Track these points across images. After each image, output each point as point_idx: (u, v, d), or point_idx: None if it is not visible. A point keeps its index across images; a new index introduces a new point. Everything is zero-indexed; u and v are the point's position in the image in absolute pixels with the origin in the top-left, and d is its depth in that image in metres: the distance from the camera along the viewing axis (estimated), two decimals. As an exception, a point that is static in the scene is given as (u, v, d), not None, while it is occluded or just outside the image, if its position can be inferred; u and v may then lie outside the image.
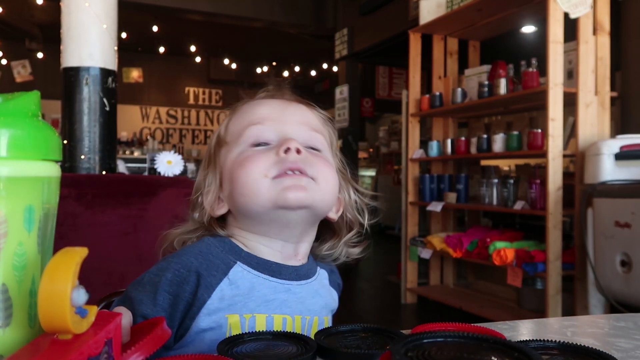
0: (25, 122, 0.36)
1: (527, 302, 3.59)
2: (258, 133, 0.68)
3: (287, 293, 0.67)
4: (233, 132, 0.71)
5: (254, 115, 0.70)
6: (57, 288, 0.30)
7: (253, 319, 0.63)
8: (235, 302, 0.63)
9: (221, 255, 0.66)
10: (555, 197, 3.04)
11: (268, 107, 0.71)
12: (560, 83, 3.06)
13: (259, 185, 0.63)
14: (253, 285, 0.65)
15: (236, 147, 0.69)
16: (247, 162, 0.65)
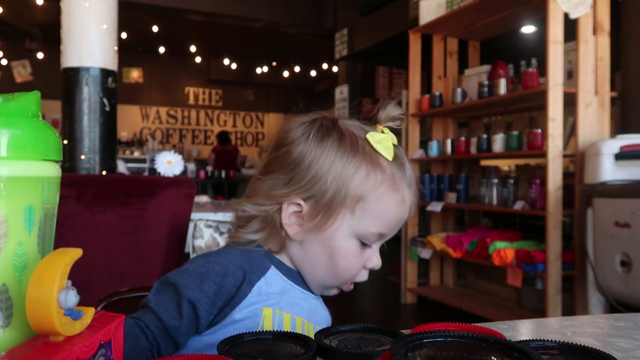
0: (25, 122, 0.36)
1: (527, 302, 3.59)
2: (373, 239, 0.73)
3: (306, 302, 0.75)
4: (369, 213, 0.71)
5: (388, 224, 0.72)
6: (43, 290, 0.30)
7: (282, 316, 0.70)
8: (270, 298, 0.70)
9: (259, 257, 0.74)
10: (555, 197, 3.04)
11: (401, 219, 0.74)
12: (560, 83, 3.06)
13: (339, 283, 0.75)
14: (284, 288, 0.73)
15: (355, 229, 0.71)
16: (352, 265, 0.73)
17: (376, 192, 0.71)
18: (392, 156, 0.72)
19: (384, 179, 0.71)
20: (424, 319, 3.98)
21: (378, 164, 0.71)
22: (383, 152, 0.71)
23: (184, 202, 1.51)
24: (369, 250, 0.74)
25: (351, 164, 0.70)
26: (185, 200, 1.51)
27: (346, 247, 0.72)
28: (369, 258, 0.74)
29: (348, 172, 0.70)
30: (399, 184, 0.72)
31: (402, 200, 0.72)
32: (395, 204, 0.72)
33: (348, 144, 0.71)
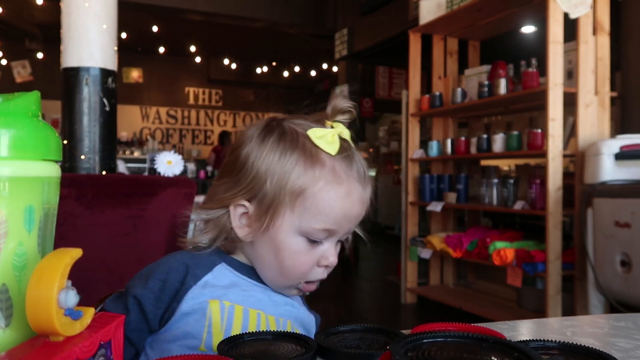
0: (25, 122, 0.36)
1: (527, 302, 3.59)
2: (320, 236, 0.71)
3: (263, 294, 0.74)
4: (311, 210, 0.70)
5: (335, 220, 0.70)
6: (43, 290, 0.30)
7: (232, 308, 0.69)
8: (217, 291, 0.70)
9: (208, 255, 0.75)
10: (555, 197, 3.04)
11: (349, 214, 0.71)
12: (560, 83, 3.06)
13: (292, 283, 0.74)
14: (233, 281, 0.73)
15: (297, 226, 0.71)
16: (299, 263, 0.72)
17: (315, 187, 0.70)
18: (336, 150, 0.71)
19: (323, 173, 0.70)
20: (424, 319, 3.98)
21: (318, 158, 0.70)
22: (324, 147, 0.71)
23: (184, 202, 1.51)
24: (321, 247, 0.72)
25: (289, 161, 0.70)
26: (185, 200, 1.51)
27: (290, 245, 0.71)
28: (323, 255, 0.72)
29: (286, 168, 0.70)
30: (342, 178, 0.71)
31: (347, 194, 0.70)
32: (338, 198, 0.70)
33: (288, 141, 0.71)
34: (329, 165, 0.71)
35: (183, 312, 0.68)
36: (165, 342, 0.68)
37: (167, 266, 0.71)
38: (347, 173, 0.71)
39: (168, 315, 0.68)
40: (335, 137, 0.72)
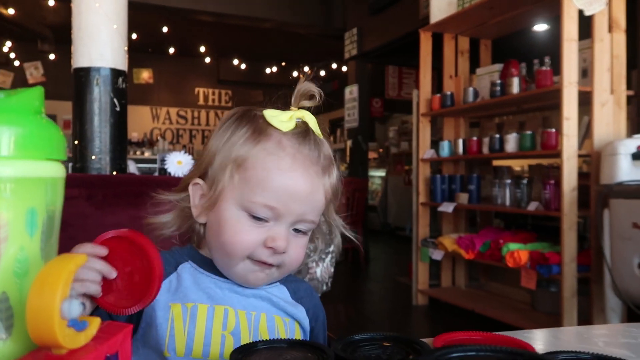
0: (28, 120, 0.33)
1: (541, 305, 3.54)
2: (261, 212, 0.69)
3: (229, 290, 0.73)
4: (250, 182, 0.69)
5: (275, 194, 0.68)
6: (44, 300, 0.28)
7: (195, 308, 0.69)
8: (179, 293, 0.70)
9: (177, 255, 0.75)
10: (570, 198, 2.99)
11: (292, 190, 0.69)
12: (575, 82, 3.00)
13: (236, 261, 0.71)
14: (197, 280, 0.72)
15: (239, 200, 0.69)
16: (240, 240, 0.69)
17: (256, 157, 0.69)
18: (289, 128, 0.70)
19: (267, 144, 0.69)
20: (435, 321, 3.94)
21: (265, 132, 0.70)
22: (276, 123, 0.70)
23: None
24: (269, 227, 0.69)
25: (237, 134, 0.71)
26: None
27: (232, 218, 0.69)
28: (271, 236, 0.69)
29: (232, 140, 0.71)
30: (287, 151, 0.69)
31: (290, 169, 0.68)
32: (278, 170, 0.68)
33: (243, 120, 0.73)
34: (276, 138, 0.70)
35: (148, 315, 0.68)
36: (139, 343, 0.69)
37: None
38: (295, 149, 0.70)
39: (136, 318, 0.69)
40: (292, 119, 0.71)
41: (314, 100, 0.74)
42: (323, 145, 0.73)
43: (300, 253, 0.73)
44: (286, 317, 0.75)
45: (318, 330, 0.83)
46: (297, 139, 0.70)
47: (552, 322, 3.22)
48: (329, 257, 1.98)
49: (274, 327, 0.73)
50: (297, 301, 0.79)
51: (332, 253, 1.98)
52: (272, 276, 0.73)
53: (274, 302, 0.75)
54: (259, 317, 0.72)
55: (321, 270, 1.94)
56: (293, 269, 0.74)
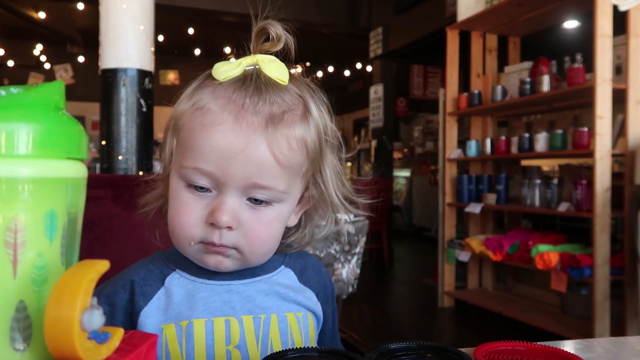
0: (47, 116, 0.31)
1: (571, 309, 3.44)
2: (197, 180, 0.58)
3: (229, 293, 0.63)
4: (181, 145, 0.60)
5: (200, 155, 0.57)
6: (63, 310, 0.26)
7: (190, 326, 0.60)
8: (171, 311, 0.61)
9: (162, 265, 0.65)
10: (603, 199, 2.90)
11: (218, 147, 0.56)
12: (609, 79, 2.91)
13: (184, 244, 0.61)
14: (189, 291, 0.63)
15: (177, 169, 0.60)
16: (179, 215, 0.60)
17: (186, 116, 0.59)
18: (226, 76, 0.58)
19: (199, 98, 0.59)
20: (462, 324, 3.87)
21: (203, 86, 0.60)
22: (216, 75, 0.59)
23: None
24: (211, 198, 0.58)
25: (182, 93, 0.62)
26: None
27: (173, 192, 0.60)
28: (212, 211, 0.58)
29: (177, 101, 0.63)
30: (218, 103, 0.57)
31: (214, 122, 0.56)
32: (204, 127, 0.57)
33: (199, 78, 0.63)
34: (209, 89, 0.59)
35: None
36: None
37: (112, 286, 0.63)
38: (227, 98, 0.57)
39: None
40: (241, 66, 0.59)
41: (274, 42, 0.62)
42: (273, 91, 0.59)
43: (263, 229, 0.60)
44: (299, 310, 0.66)
45: (327, 317, 0.72)
46: (233, 87, 0.58)
47: (583, 326, 3.13)
48: (354, 259, 1.95)
49: (287, 328, 0.64)
50: (305, 284, 0.69)
51: (358, 254, 1.96)
52: (236, 260, 0.61)
53: (283, 294, 0.66)
54: (268, 320, 0.63)
55: (347, 271, 1.92)
56: (262, 250, 0.61)
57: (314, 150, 0.62)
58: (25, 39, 9.22)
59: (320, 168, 0.64)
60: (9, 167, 0.30)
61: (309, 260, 0.73)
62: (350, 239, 1.91)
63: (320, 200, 0.67)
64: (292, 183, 0.61)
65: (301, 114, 0.61)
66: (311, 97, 0.64)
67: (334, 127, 0.66)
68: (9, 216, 0.30)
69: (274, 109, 0.58)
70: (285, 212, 0.63)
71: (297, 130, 0.59)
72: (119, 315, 0.62)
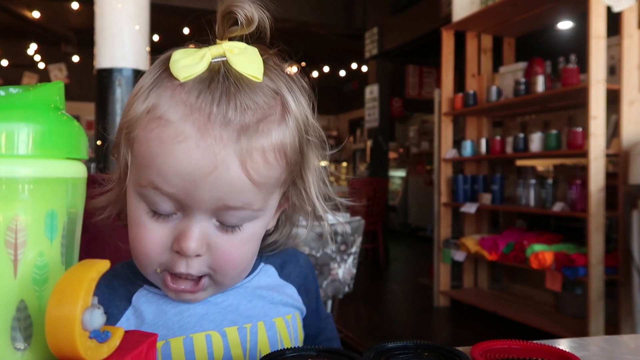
0: (47, 116, 0.32)
1: (566, 308, 3.46)
2: (157, 200, 0.50)
3: (206, 305, 0.56)
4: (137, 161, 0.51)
5: (159, 175, 0.48)
6: (64, 310, 0.26)
7: (167, 346, 0.53)
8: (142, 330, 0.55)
9: (127, 281, 0.58)
10: (597, 199, 2.92)
11: (180, 169, 0.47)
12: (603, 79, 2.93)
13: (149, 272, 0.54)
14: (161, 307, 0.55)
15: (135, 184, 0.52)
16: (140, 240, 0.52)
17: (140, 126, 0.49)
18: (188, 75, 0.48)
19: (156, 103, 0.49)
20: (457, 323, 3.88)
21: (160, 85, 0.50)
22: (175, 71, 0.49)
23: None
24: (176, 223, 0.50)
25: (135, 88, 0.52)
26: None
27: (132, 211, 0.52)
28: (177, 237, 0.50)
29: (130, 100, 0.52)
30: (177, 113, 0.47)
31: (175, 139, 0.47)
32: (163, 145, 0.47)
33: (154, 68, 0.53)
34: (168, 92, 0.49)
35: None
36: None
37: None
38: (190, 105, 0.47)
39: None
40: (204, 59, 0.49)
41: (246, 26, 0.50)
42: (245, 94, 0.49)
43: (236, 252, 0.52)
44: (287, 312, 0.61)
45: (311, 304, 0.66)
46: (197, 89, 0.48)
47: (578, 326, 3.15)
48: (351, 258, 1.95)
49: (276, 335, 0.59)
50: (286, 279, 0.64)
51: (354, 254, 1.96)
52: (210, 289, 0.54)
53: (267, 297, 0.60)
54: (255, 329, 0.57)
55: (343, 271, 1.92)
56: (235, 272, 0.54)
57: (293, 157, 0.53)
58: (20, 38, 9.18)
59: (301, 173, 0.56)
60: (9, 167, 0.30)
61: (288, 254, 0.67)
62: (347, 239, 1.91)
63: (299, 203, 0.60)
64: (268, 198, 0.53)
65: (279, 116, 0.51)
66: (288, 89, 0.54)
67: (315, 122, 0.57)
68: (9, 216, 0.30)
69: (247, 117, 0.48)
70: (260, 228, 0.55)
71: (274, 138, 0.50)
72: None
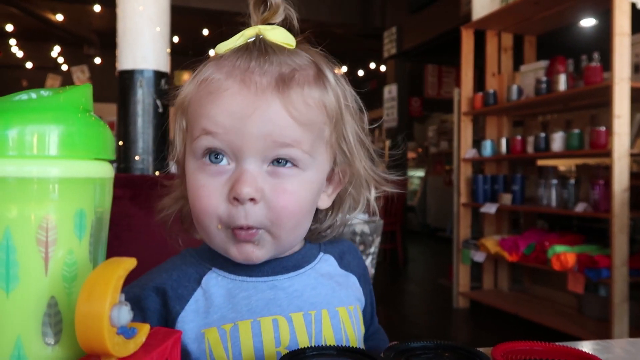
0: (76, 118, 0.33)
1: (589, 310, 3.40)
2: (210, 145, 0.54)
3: (273, 290, 0.59)
4: (191, 121, 0.57)
5: (209, 119, 0.54)
6: (94, 306, 0.27)
7: (235, 328, 0.55)
8: (211, 314, 0.57)
9: (196, 264, 0.61)
10: (622, 199, 2.86)
11: (227, 109, 0.53)
12: (627, 77, 2.87)
13: (211, 231, 0.56)
14: (230, 291, 0.58)
15: (190, 148, 0.57)
16: (199, 197, 0.55)
17: (192, 92, 0.57)
18: (227, 48, 0.57)
19: (202, 72, 0.57)
20: (477, 325, 3.85)
21: (203, 68, 0.58)
22: (218, 50, 0.58)
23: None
24: (228, 172, 0.54)
25: (182, 84, 0.60)
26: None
27: (190, 174, 0.56)
28: (232, 185, 0.53)
29: (178, 94, 0.60)
30: (223, 71, 0.55)
31: (221, 89, 0.54)
32: (212, 96, 0.54)
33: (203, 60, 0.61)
34: (212, 63, 0.57)
35: (182, 342, 0.56)
36: None
37: (141, 289, 0.58)
38: (232, 64, 0.55)
39: None
40: (242, 37, 0.58)
41: (275, 10, 0.59)
42: (281, 54, 0.56)
43: (290, 199, 0.54)
44: (350, 303, 0.62)
45: (366, 299, 0.68)
46: (237, 54, 0.56)
47: (601, 328, 3.09)
48: (369, 259, 1.95)
49: (339, 323, 0.60)
50: (346, 269, 0.66)
51: (372, 255, 1.96)
52: (266, 245, 0.56)
53: (329, 286, 0.62)
54: (319, 316, 0.59)
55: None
56: (290, 223, 0.55)
57: (333, 113, 0.57)
58: (43, 41, 9.37)
59: (343, 134, 0.59)
60: (40, 168, 0.31)
61: (345, 244, 0.69)
62: (365, 239, 1.91)
63: (352, 179, 0.63)
64: (316, 146, 0.56)
65: (314, 75, 0.57)
66: (326, 63, 0.60)
67: (352, 91, 0.62)
68: (41, 215, 0.31)
69: (283, 69, 0.55)
70: (312, 181, 0.57)
71: (312, 91, 0.55)
72: (152, 320, 0.57)
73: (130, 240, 1.41)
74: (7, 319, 0.31)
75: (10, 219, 0.31)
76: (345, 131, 0.60)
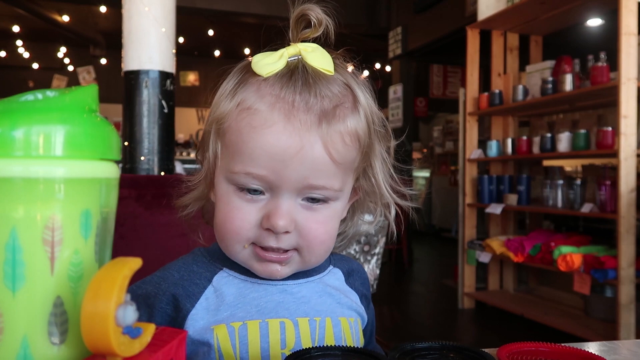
0: (82, 118, 0.33)
1: (595, 311, 3.39)
2: (249, 186, 0.55)
3: (283, 294, 0.60)
4: (229, 149, 0.56)
5: (252, 161, 0.54)
6: (99, 306, 0.27)
7: (244, 327, 0.57)
8: (221, 311, 0.58)
9: (207, 263, 0.62)
10: (629, 200, 2.85)
11: (271, 151, 0.53)
12: (634, 77, 2.86)
13: (236, 249, 0.58)
14: (241, 291, 0.60)
15: (226, 174, 0.57)
16: (231, 219, 0.57)
17: (231, 117, 0.55)
18: (270, 71, 0.55)
19: (243, 97, 0.55)
20: (483, 326, 3.84)
21: (245, 83, 0.56)
22: (257, 69, 0.56)
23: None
24: (265, 202, 0.55)
25: (221, 89, 0.59)
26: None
27: (222, 195, 0.57)
28: (266, 214, 0.55)
29: (216, 99, 0.59)
30: (265, 101, 0.54)
31: (264, 124, 0.53)
32: (253, 130, 0.53)
33: (237, 71, 0.60)
34: (254, 87, 0.56)
35: (191, 339, 0.57)
36: None
37: (152, 286, 0.59)
38: (275, 95, 0.54)
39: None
40: (282, 57, 0.56)
41: (317, 27, 0.59)
42: (322, 84, 0.56)
43: (321, 229, 0.57)
44: (351, 315, 0.64)
45: (367, 323, 0.70)
46: (280, 83, 0.55)
47: (607, 330, 3.08)
48: (374, 259, 1.95)
49: (341, 332, 0.62)
50: (351, 286, 0.68)
51: (377, 255, 1.95)
52: (293, 263, 0.58)
53: (335, 296, 0.63)
54: (324, 323, 0.60)
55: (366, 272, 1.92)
56: (321, 250, 0.59)
57: (365, 142, 0.59)
58: (50, 41, 9.42)
59: (370, 159, 0.62)
60: (46, 168, 0.31)
61: (354, 265, 0.72)
62: (370, 240, 1.91)
63: (369, 191, 0.65)
64: (346, 180, 0.59)
65: (351, 104, 0.58)
66: (356, 83, 0.61)
67: (379, 112, 0.64)
68: (47, 215, 0.31)
69: (325, 104, 0.55)
70: (339, 210, 0.61)
71: (349, 124, 0.57)
72: (157, 319, 0.59)
73: (135, 240, 1.42)
74: (13, 319, 0.31)
75: (17, 219, 0.31)
76: (373, 159, 0.63)
